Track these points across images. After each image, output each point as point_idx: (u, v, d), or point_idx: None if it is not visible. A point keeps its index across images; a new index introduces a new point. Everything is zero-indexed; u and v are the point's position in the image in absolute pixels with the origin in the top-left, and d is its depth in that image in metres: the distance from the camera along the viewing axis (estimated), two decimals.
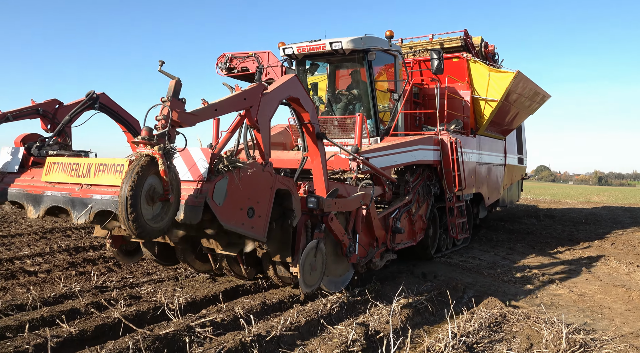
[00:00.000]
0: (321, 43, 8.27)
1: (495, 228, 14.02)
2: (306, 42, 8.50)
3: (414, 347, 4.64)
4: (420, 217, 8.52)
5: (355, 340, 4.49)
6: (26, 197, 5.06)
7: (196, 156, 4.32)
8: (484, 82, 10.13)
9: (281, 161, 7.63)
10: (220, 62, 12.04)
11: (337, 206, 5.77)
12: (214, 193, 4.16)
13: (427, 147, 8.45)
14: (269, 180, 4.76)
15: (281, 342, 4.45)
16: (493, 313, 5.62)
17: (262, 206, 4.68)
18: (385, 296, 6.09)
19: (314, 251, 5.54)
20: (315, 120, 5.56)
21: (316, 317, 5.10)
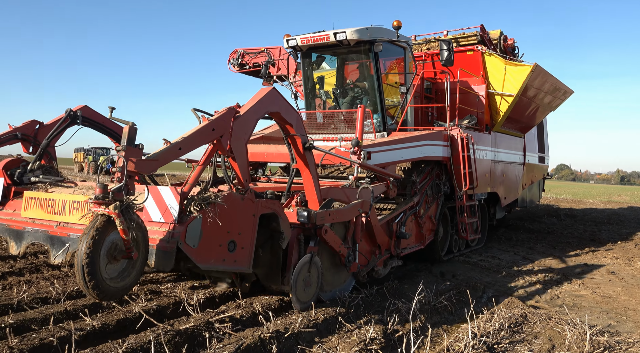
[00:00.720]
0: (325, 34, 7.90)
1: (514, 227, 13.64)
2: (310, 33, 8.15)
3: (434, 346, 4.55)
4: (429, 218, 8.07)
5: (374, 338, 4.42)
6: (8, 232, 4.96)
7: (166, 196, 4.02)
8: (499, 76, 9.61)
9: (280, 156, 7.31)
10: (232, 58, 11.81)
11: (331, 217, 5.39)
12: (186, 236, 3.89)
13: (435, 142, 8.00)
14: (250, 208, 4.44)
15: (299, 338, 4.41)
16: (514, 314, 5.45)
17: (245, 236, 4.40)
18: (403, 295, 5.95)
19: (308, 266, 5.22)
20: (300, 131, 5.17)
21: (334, 314, 5.03)
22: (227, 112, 4.34)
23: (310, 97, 8.93)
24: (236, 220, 4.32)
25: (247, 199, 4.40)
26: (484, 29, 10.34)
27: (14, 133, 5.62)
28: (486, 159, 9.66)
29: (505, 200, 10.79)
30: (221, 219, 4.09)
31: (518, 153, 11.55)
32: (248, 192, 4.44)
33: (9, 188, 5.30)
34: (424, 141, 7.73)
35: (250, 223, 4.44)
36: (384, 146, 7.03)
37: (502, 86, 9.62)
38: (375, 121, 8.32)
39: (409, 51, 8.58)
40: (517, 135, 11.47)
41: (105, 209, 3.48)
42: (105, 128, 6.15)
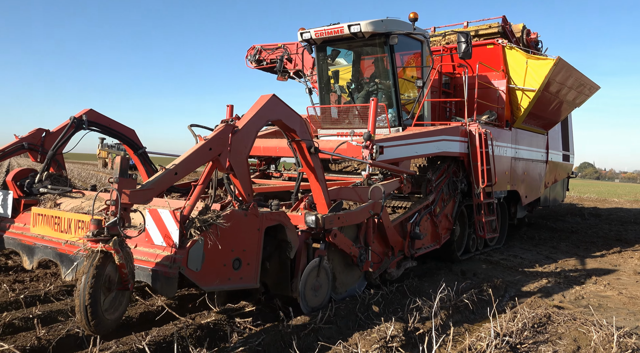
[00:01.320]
0: (339, 26, 7.71)
1: (537, 226, 13.32)
2: (325, 26, 7.97)
3: (455, 345, 4.49)
4: (446, 216, 7.81)
5: (394, 336, 4.38)
6: (21, 247, 4.97)
7: (166, 219, 3.89)
8: (521, 70, 9.27)
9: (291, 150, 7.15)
10: (250, 55, 11.71)
11: (340, 221, 5.24)
12: (188, 261, 3.78)
13: (452, 138, 7.73)
14: (254, 223, 4.30)
15: (319, 334, 4.41)
16: (537, 314, 5.32)
17: (251, 252, 4.28)
18: (423, 293, 5.90)
19: (317, 271, 5.11)
20: (305, 135, 4.98)
21: (354, 311, 5.01)
22: (224, 129, 4.15)
23: (325, 92, 8.75)
24: (240, 237, 4.22)
25: (250, 214, 4.27)
26: (505, 20, 10.00)
27: (20, 143, 5.52)
28: (506, 156, 9.33)
29: (526, 199, 10.42)
30: (224, 238, 4.00)
31: (540, 150, 11.15)
32: (251, 207, 4.30)
33: (19, 200, 5.28)
34: (440, 136, 7.47)
35: (255, 238, 4.33)
36: (398, 140, 6.80)
37: (524, 80, 9.28)
38: (390, 115, 8.09)
39: (426, 44, 8.32)
40: (540, 132, 11.08)
41: (103, 246, 3.42)
42: (113, 131, 6.06)
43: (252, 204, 4.31)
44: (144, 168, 6.44)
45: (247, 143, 4.32)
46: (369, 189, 6.03)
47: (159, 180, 3.79)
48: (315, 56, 8.50)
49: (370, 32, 7.60)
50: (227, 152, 4.13)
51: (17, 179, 5.46)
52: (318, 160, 5.13)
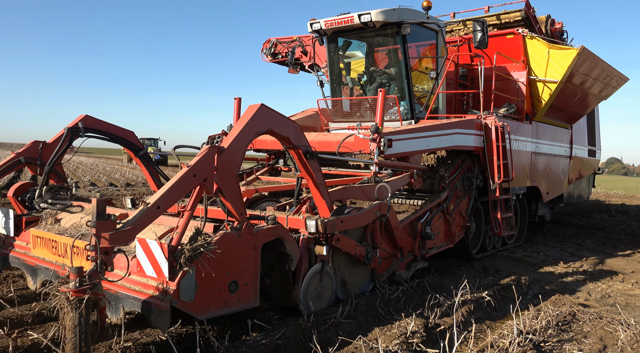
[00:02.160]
0: (349, 16, 7.42)
1: (561, 223, 12.92)
2: (335, 16, 7.70)
3: (477, 342, 4.42)
4: (460, 214, 7.48)
5: (415, 332, 4.34)
6: (25, 266, 4.94)
7: (155, 250, 3.74)
8: (542, 61, 8.81)
9: None
10: (265, 48, 11.50)
11: (344, 225, 5.04)
12: (179, 293, 3.65)
13: (466, 131, 7.37)
14: (249, 242, 4.15)
15: (339, 329, 4.41)
16: (561, 311, 5.22)
17: (248, 272, 4.15)
18: (444, 289, 5.83)
19: (319, 276, 4.93)
20: (300, 141, 4.74)
21: (374, 306, 5.00)
22: (208, 153, 3.92)
23: (336, 85, 8.48)
24: (235, 259, 4.06)
25: (244, 234, 4.12)
26: (529, 4, 9.46)
27: (17, 158, 5.39)
28: (525, 151, 8.91)
29: (547, 195, 9.97)
30: (218, 263, 3.85)
31: (564, 145, 10.65)
32: (245, 227, 4.13)
33: (21, 217, 5.21)
34: (454, 130, 7.13)
35: (251, 257, 4.19)
36: (408, 133, 6.51)
37: (545, 71, 8.82)
38: (403, 108, 7.77)
39: (440, 34, 7.95)
40: (563, 126, 10.57)
41: (86, 294, 3.30)
42: (111, 135, 5.91)
43: (246, 224, 4.15)
44: (146, 169, 6.30)
45: (235, 162, 4.11)
46: (375, 188, 5.78)
47: (140, 217, 3.60)
48: (326, 48, 8.23)
49: (382, 22, 7.29)
50: (213, 176, 3.93)
51: (18, 195, 5.42)
52: (316, 164, 4.91)
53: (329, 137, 6.67)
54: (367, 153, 6.25)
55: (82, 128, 5.50)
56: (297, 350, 4.05)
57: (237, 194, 4.14)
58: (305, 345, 4.07)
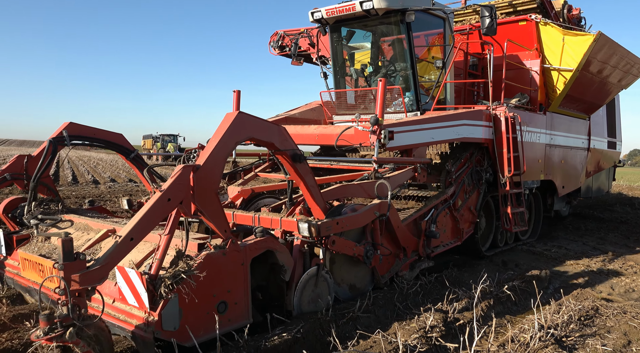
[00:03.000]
0: (351, 4, 7.08)
1: (583, 216, 12.53)
2: (336, 4, 7.38)
3: (497, 337, 4.36)
4: (468, 209, 7.11)
5: (434, 326, 4.31)
6: (19, 287, 4.79)
7: (134, 280, 3.52)
8: (556, 48, 8.36)
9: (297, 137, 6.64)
10: (273, 41, 11.23)
11: (340, 226, 4.76)
12: (162, 323, 3.47)
13: (474, 122, 6.99)
14: (236, 259, 3.94)
15: (358, 323, 4.39)
16: (584, 306, 5.11)
17: (237, 290, 3.96)
18: (463, 283, 5.76)
19: (314, 280, 4.68)
20: (286, 144, 4.45)
21: (392, 300, 4.97)
22: (181, 174, 3.62)
23: (340, 76, 8.16)
24: (222, 278, 3.85)
25: (230, 252, 3.90)
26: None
27: (2, 175, 5.18)
28: (539, 143, 8.47)
29: (563, 189, 9.50)
30: (203, 285, 3.65)
31: (581, 136, 10.15)
32: (230, 244, 3.89)
33: (10, 237, 5.02)
34: (460, 121, 6.76)
35: (240, 275, 3.99)
36: (411, 125, 6.16)
37: (560, 59, 8.37)
38: (407, 99, 7.42)
39: (448, 21, 7.56)
40: (580, 117, 10.07)
41: (59, 341, 3.06)
42: (98, 141, 5.69)
43: (230, 241, 3.91)
44: (139, 171, 6.08)
45: (213, 178, 3.82)
46: (374, 184, 5.47)
47: (112, 253, 3.35)
48: (329, 38, 7.91)
49: (384, 9, 6.94)
50: (190, 197, 3.66)
51: (8, 211, 5.24)
52: (306, 166, 4.62)
53: (329, 130, 6.38)
54: (368, 145, 5.94)
55: (67, 137, 5.29)
56: (316, 344, 4.04)
57: (218, 211, 3.88)
58: (324, 339, 4.06)
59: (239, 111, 4.03)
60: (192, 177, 3.66)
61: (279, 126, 4.41)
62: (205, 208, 3.76)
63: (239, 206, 5.87)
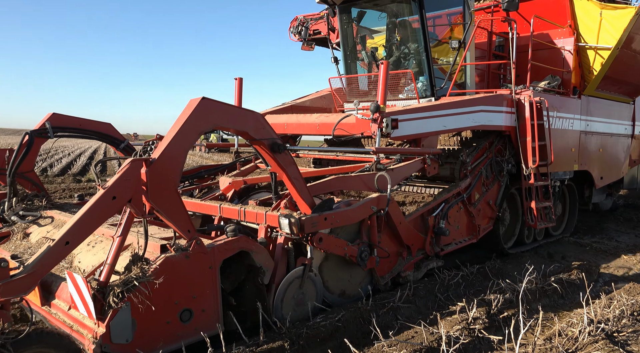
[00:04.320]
0: None
1: (635, 207, 11.62)
2: None
3: (543, 331, 4.20)
4: (487, 204, 6.43)
5: (477, 318, 4.23)
6: None
7: (82, 287, 3.17)
8: (593, 24, 7.46)
9: (299, 126, 6.17)
10: (293, 27, 10.73)
11: (328, 222, 4.25)
12: (112, 336, 3.12)
13: (494, 108, 6.28)
14: (202, 261, 3.55)
15: (398, 313, 4.37)
16: (637, 301, 4.88)
17: (204, 296, 3.57)
18: (506, 275, 5.57)
19: (299, 282, 4.23)
20: (263, 133, 3.93)
21: (433, 291, 4.92)
22: (129, 169, 3.20)
23: (351, 60, 7.58)
24: (186, 284, 3.45)
25: (194, 254, 3.48)
26: None
27: None
28: (572, 130, 7.62)
29: (601, 181, 8.59)
30: (162, 292, 3.30)
31: (623, 122, 9.15)
32: (194, 245, 3.47)
33: None
34: (477, 107, 6.06)
35: (208, 279, 3.57)
36: (419, 112, 5.54)
37: (597, 37, 7.47)
38: (421, 84, 6.78)
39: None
40: (623, 100, 9.06)
41: None
42: (86, 132, 5.37)
43: (195, 242, 3.48)
44: None
45: (172, 173, 3.38)
46: (374, 176, 4.93)
47: (42, 259, 2.98)
48: (339, 20, 7.34)
49: None
50: (141, 193, 3.24)
51: None
52: (288, 157, 4.11)
53: (331, 118, 5.84)
54: (369, 135, 5.38)
55: (50, 129, 4.99)
56: (357, 332, 4.01)
57: (178, 210, 3.45)
58: (365, 328, 4.03)
59: (202, 97, 3.59)
60: (145, 172, 3.26)
61: (254, 113, 3.93)
62: (162, 207, 3.35)
63: (230, 198, 5.45)
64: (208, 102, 3.59)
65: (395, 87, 7.00)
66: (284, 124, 6.33)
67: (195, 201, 5.19)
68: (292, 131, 6.25)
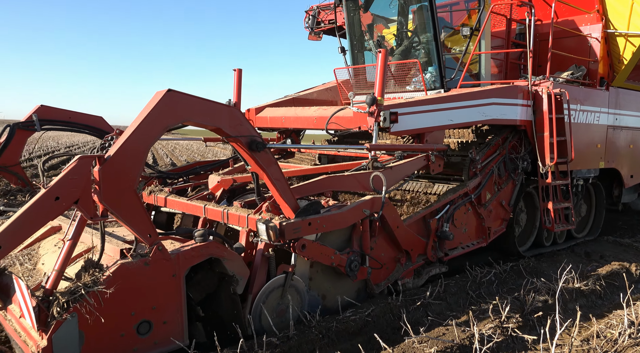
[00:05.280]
0: None
1: None
2: None
3: (580, 332, 4.07)
4: (499, 204, 5.92)
5: (510, 317, 4.13)
6: None
7: (25, 294, 2.91)
8: (624, 9, 6.81)
9: (297, 120, 5.81)
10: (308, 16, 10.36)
11: (313, 227, 3.88)
12: (54, 349, 2.83)
13: (507, 101, 5.74)
14: (165, 269, 3.24)
15: (429, 310, 4.31)
16: None
17: (165, 307, 3.27)
18: (541, 274, 5.45)
19: (281, 291, 3.87)
20: (239, 129, 3.57)
21: (465, 288, 4.83)
22: (76, 166, 2.89)
23: (357, 50, 7.15)
24: (144, 293, 3.15)
25: (155, 260, 3.17)
26: None
27: None
28: (598, 125, 6.99)
29: (632, 179, 7.90)
30: (114, 303, 3.01)
31: None
32: (155, 251, 3.15)
33: None
34: (488, 99, 5.55)
35: (170, 288, 3.27)
36: (422, 105, 5.09)
37: (628, 23, 6.82)
38: (429, 75, 6.30)
39: None
40: None
41: None
42: (74, 125, 5.17)
43: (156, 248, 3.16)
44: None
45: (129, 172, 3.05)
46: (369, 176, 4.52)
47: None
48: (344, 7, 6.92)
49: None
50: (90, 195, 2.94)
51: None
52: (268, 156, 3.75)
53: (330, 111, 5.44)
54: (367, 130, 4.97)
55: (37, 121, 4.79)
56: (387, 327, 3.99)
57: (137, 212, 3.13)
58: (395, 323, 4.01)
59: (168, 89, 3.26)
60: (98, 170, 2.96)
61: (228, 107, 3.58)
62: (117, 209, 3.04)
63: (218, 198, 5.14)
64: (175, 94, 3.26)
65: (404, 79, 6.54)
66: (282, 118, 5.98)
67: (181, 200, 4.90)
68: (290, 125, 5.89)
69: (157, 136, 3.20)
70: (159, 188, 5.35)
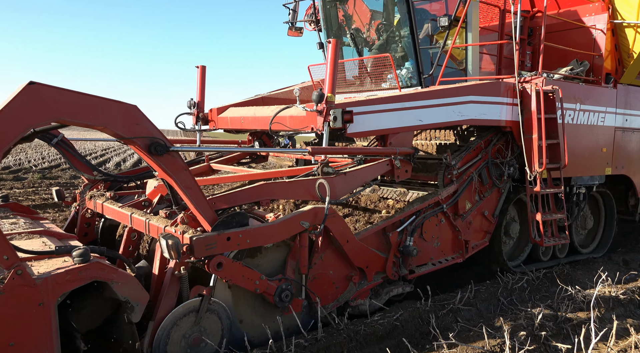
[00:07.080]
0: None
1: None
2: None
3: (617, 342, 3.90)
4: (481, 215, 5.24)
5: (542, 325, 3.97)
6: None
7: None
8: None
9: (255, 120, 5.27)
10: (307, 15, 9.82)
11: (233, 243, 3.34)
12: None
13: (488, 99, 5.05)
14: (27, 297, 2.69)
15: (458, 315, 4.22)
16: None
17: (30, 342, 2.72)
18: (575, 282, 5.26)
19: (195, 317, 3.30)
20: (136, 130, 3.04)
21: (495, 295, 4.73)
22: None
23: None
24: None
25: (13, 288, 2.64)
26: None
27: None
28: (604, 126, 6.18)
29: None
30: None
31: None
32: (13, 276, 2.63)
33: None
34: (465, 97, 4.87)
35: (37, 319, 2.74)
36: (383, 103, 4.47)
37: (637, 12, 6.00)
38: (405, 71, 5.66)
39: None
40: None
41: None
42: None
43: (14, 272, 2.64)
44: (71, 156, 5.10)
45: None
46: (315, 183, 3.95)
47: None
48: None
49: None
50: None
51: None
52: (175, 161, 3.21)
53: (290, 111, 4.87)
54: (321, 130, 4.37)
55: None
56: (415, 332, 3.92)
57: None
58: (423, 328, 3.96)
59: (29, 81, 2.76)
60: None
61: (122, 104, 3.05)
62: None
63: (154, 205, 4.62)
64: (40, 88, 2.72)
65: (380, 76, 5.92)
66: (241, 119, 5.45)
67: (113, 207, 4.42)
68: (248, 126, 5.36)
69: (14, 140, 2.66)
70: (101, 192, 4.90)
